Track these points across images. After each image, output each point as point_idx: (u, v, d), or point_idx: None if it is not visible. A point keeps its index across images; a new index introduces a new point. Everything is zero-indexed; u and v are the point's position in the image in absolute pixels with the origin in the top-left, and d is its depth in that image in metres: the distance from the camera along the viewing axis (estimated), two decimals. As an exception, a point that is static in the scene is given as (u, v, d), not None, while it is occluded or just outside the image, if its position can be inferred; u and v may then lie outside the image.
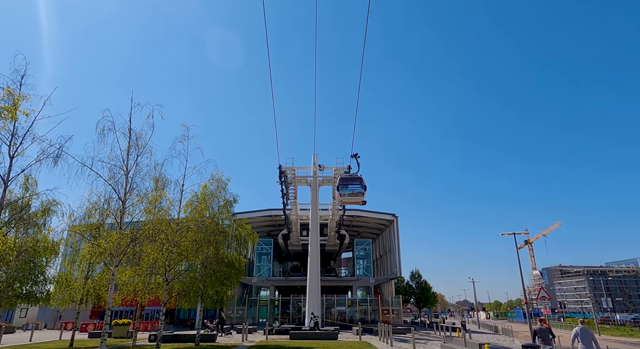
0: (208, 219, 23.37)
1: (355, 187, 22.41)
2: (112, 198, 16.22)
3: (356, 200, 22.72)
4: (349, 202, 23.29)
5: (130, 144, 16.04)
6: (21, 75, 10.68)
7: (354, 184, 22.51)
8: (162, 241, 19.59)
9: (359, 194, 22.32)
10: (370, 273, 54.30)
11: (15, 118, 10.36)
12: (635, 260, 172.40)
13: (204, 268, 23.75)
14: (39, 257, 18.33)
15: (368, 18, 12.21)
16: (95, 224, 17.98)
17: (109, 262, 16.64)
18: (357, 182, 22.49)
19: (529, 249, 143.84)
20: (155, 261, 19.58)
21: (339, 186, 22.78)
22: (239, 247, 29.03)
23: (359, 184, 22.37)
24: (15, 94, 10.36)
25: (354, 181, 22.58)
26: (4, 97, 10.18)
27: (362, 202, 22.70)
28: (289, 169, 37.92)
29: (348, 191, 22.44)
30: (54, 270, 20.81)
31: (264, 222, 55.97)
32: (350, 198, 22.61)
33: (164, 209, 20.03)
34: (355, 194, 22.38)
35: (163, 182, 19.16)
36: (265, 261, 54.65)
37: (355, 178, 22.65)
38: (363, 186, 22.28)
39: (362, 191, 22.25)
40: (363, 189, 22.25)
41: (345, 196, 22.60)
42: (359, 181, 22.50)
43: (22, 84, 10.74)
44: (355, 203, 23.34)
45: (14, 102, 10.23)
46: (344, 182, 22.79)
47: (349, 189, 22.46)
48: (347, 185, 22.61)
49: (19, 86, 10.60)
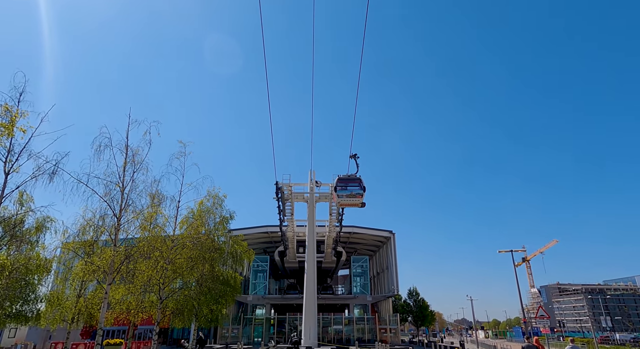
0: (204, 235, 23.17)
1: (354, 189, 21.49)
2: (107, 215, 16.10)
3: (355, 202, 21.80)
4: (347, 204, 22.37)
5: (127, 161, 16.00)
6: (20, 93, 10.76)
7: (353, 185, 21.59)
8: (156, 258, 19.34)
9: (358, 195, 21.43)
10: (367, 291, 53.60)
11: (12, 135, 10.37)
12: (633, 278, 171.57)
13: (198, 285, 23.40)
14: (30, 275, 17.99)
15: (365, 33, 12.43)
16: (89, 241, 17.80)
17: (102, 280, 16.37)
18: (356, 184, 21.57)
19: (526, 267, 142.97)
20: (150, 279, 19.28)
21: (337, 187, 21.78)
22: (235, 264, 28.70)
23: (358, 185, 21.47)
24: (13, 110, 10.41)
25: (352, 181, 21.63)
26: (2, 113, 10.21)
27: (361, 204, 21.82)
28: (286, 185, 37.81)
29: (346, 192, 21.51)
30: (45, 288, 20.41)
31: (260, 238, 55.48)
32: (349, 200, 21.68)
33: (160, 226, 19.87)
34: (353, 196, 21.47)
35: (159, 199, 19.06)
36: (261, 278, 53.94)
37: (354, 179, 21.68)
38: (362, 187, 21.35)
39: (361, 192, 21.33)
40: (362, 190, 21.33)
41: (343, 197, 21.68)
42: (358, 181, 21.57)
43: (20, 100, 10.80)
44: (353, 205, 22.38)
45: (11, 119, 10.27)
46: (343, 183, 21.76)
47: (347, 190, 21.53)
48: (345, 186, 21.69)
49: (17, 103, 10.65)
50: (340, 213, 39.86)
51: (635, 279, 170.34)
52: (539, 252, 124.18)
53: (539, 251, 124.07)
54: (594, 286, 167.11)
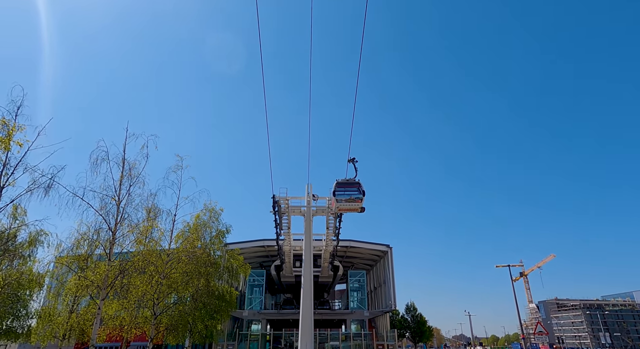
0: (199, 249, 22.94)
1: (353, 193, 20.94)
2: (102, 229, 15.96)
3: (354, 206, 21.25)
4: (346, 208, 21.76)
5: (124, 174, 15.97)
6: (17, 106, 10.77)
7: (352, 189, 21.02)
8: (151, 273, 19.10)
9: (357, 200, 20.87)
10: (364, 306, 52.98)
11: (9, 148, 10.34)
12: (631, 294, 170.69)
13: (193, 300, 23.06)
14: (22, 291, 17.68)
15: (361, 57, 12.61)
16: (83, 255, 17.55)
17: (95, 295, 16.11)
18: (355, 188, 21.00)
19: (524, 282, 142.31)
20: (144, 294, 18.99)
21: (336, 191, 21.22)
22: (231, 279, 28.36)
23: (357, 190, 20.92)
24: (10, 124, 10.41)
25: (351, 186, 21.08)
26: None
27: (360, 208, 21.31)
28: (283, 198, 37.66)
29: (345, 197, 20.92)
30: (37, 304, 20.04)
31: (256, 252, 55.00)
32: (348, 204, 21.11)
33: (155, 240, 19.69)
34: (353, 200, 20.91)
35: (155, 213, 18.98)
36: (257, 293, 53.28)
37: (353, 183, 21.16)
38: (361, 191, 20.85)
39: (361, 196, 20.82)
40: (361, 194, 20.82)
41: (342, 201, 21.07)
42: (357, 185, 21.01)
43: (17, 114, 10.81)
44: (353, 210, 21.78)
45: (8, 133, 10.26)
46: (341, 187, 21.19)
47: (346, 195, 20.97)
48: (344, 190, 21.10)
49: (14, 117, 10.66)
50: (337, 227, 39.69)
51: (633, 295, 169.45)
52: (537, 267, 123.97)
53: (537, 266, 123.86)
54: (592, 301, 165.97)
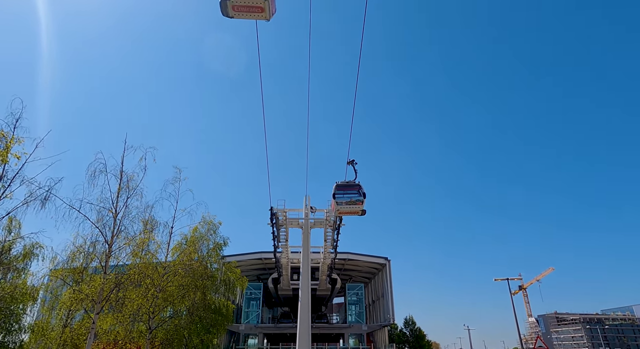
0: (196, 262, 22.74)
1: (353, 195, 20.50)
2: (99, 241, 15.84)
3: (355, 209, 20.78)
4: (346, 211, 21.26)
5: (121, 186, 15.92)
6: (16, 119, 10.81)
7: (352, 191, 20.56)
8: (147, 286, 18.89)
9: (358, 202, 20.37)
10: (362, 320, 52.38)
11: (6, 161, 10.33)
12: (630, 308, 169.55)
13: (189, 314, 22.76)
14: (16, 304, 17.40)
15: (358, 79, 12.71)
16: (78, 268, 17.34)
17: (90, 309, 15.89)
18: (355, 190, 20.55)
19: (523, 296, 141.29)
20: (139, 308, 18.75)
21: (336, 194, 20.72)
22: (227, 292, 28.07)
23: (357, 192, 20.47)
24: (9, 136, 10.42)
25: (351, 188, 20.59)
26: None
27: (361, 211, 20.87)
28: (281, 211, 37.57)
29: (346, 199, 20.42)
30: (30, 318, 19.69)
31: (253, 265, 54.58)
32: (348, 207, 20.61)
33: (152, 252, 19.53)
34: (353, 203, 20.41)
35: (152, 225, 18.87)
36: (254, 306, 52.70)
37: (353, 185, 20.67)
38: (362, 193, 20.35)
39: (361, 198, 20.30)
40: (362, 196, 20.31)
41: (342, 204, 20.52)
42: (357, 188, 20.53)
43: (16, 126, 10.83)
44: (353, 213, 21.29)
45: (6, 145, 10.26)
46: (341, 189, 20.72)
47: (346, 197, 20.48)
48: (344, 193, 20.62)
49: (12, 129, 10.67)
50: (335, 239, 39.51)
51: (633, 309, 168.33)
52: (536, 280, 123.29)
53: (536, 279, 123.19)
54: (592, 315, 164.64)
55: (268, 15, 10.90)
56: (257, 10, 10.85)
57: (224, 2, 10.36)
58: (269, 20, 11.11)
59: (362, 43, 11.84)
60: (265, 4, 10.51)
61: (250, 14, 11.02)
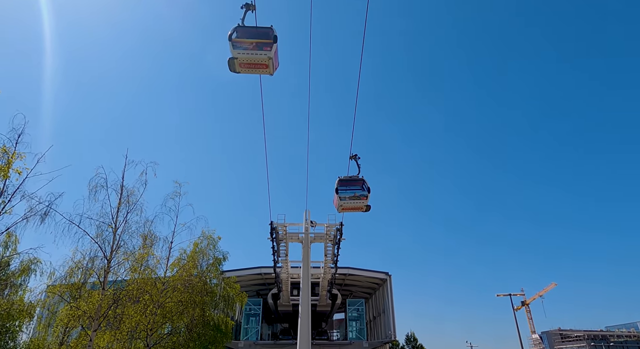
0: (195, 277, 22.54)
1: (357, 190, 19.96)
2: (97, 256, 15.76)
3: (359, 204, 20.18)
4: (350, 207, 20.60)
5: (121, 201, 15.92)
6: (18, 134, 10.88)
7: (355, 186, 19.98)
8: (146, 302, 18.66)
9: (362, 197, 19.84)
10: (363, 336, 51.58)
11: (7, 176, 10.36)
12: (635, 324, 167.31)
13: (188, 331, 22.42)
14: (12, 322, 17.13)
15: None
16: (76, 284, 17.17)
17: (87, 326, 15.66)
18: (359, 185, 20.01)
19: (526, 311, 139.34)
20: (137, 324, 18.48)
21: (339, 189, 20.03)
22: (227, 308, 27.71)
23: (361, 187, 19.91)
24: (10, 152, 10.46)
25: (355, 182, 19.97)
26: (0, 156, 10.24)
27: (365, 207, 20.22)
28: (281, 225, 37.44)
29: (349, 194, 19.84)
30: (26, 335, 19.37)
31: (253, 280, 54.04)
32: (352, 202, 20.01)
33: (150, 268, 19.38)
34: (357, 198, 19.86)
35: (152, 240, 18.79)
36: (253, 322, 51.97)
37: (357, 180, 20.06)
38: (366, 188, 19.81)
39: (366, 193, 19.75)
40: (366, 191, 19.78)
41: (346, 199, 19.93)
42: (362, 182, 19.95)
43: (18, 142, 10.89)
44: (357, 208, 20.63)
45: (8, 161, 10.30)
46: (345, 184, 20.06)
47: (349, 192, 19.88)
48: (347, 187, 19.97)
49: (14, 144, 10.73)
50: (335, 254, 39.25)
51: (638, 325, 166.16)
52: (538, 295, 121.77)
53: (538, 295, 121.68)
54: (596, 332, 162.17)
55: (272, 70, 12.42)
56: (262, 67, 12.29)
57: (232, 60, 11.81)
58: (272, 75, 12.65)
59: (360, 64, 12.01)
60: (269, 61, 11.95)
61: (255, 70, 12.51)
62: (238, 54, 11.79)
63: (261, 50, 11.82)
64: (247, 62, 12.03)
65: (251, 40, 11.91)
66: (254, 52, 11.86)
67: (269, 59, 11.94)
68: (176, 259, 22.60)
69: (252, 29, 12.09)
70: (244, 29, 12.03)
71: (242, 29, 11.99)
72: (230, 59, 11.92)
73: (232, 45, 11.80)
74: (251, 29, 12.07)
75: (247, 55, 11.87)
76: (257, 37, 12.00)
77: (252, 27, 12.12)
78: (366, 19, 12.23)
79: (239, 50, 11.78)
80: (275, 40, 12.05)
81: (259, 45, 11.93)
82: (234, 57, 11.82)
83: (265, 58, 11.89)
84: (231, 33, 11.89)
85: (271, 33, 12.11)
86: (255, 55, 11.87)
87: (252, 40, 11.91)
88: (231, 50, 11.86)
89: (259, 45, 11.93)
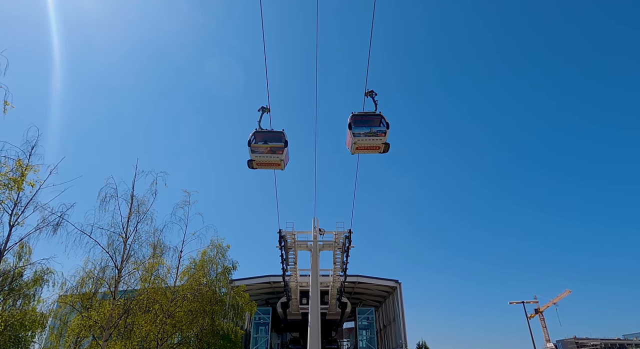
0: (205, 287, 22.57)
1: (374, 126, 16.79)
2: (108, 266, 15.89)
3: (376, 142, 16.80)
4: (365, 145, 16.99)
5: (132, 211, 16.08)
6: (32, 146, 11.09)
7: (372, 121, 16.75)
8: (156, 312, 18.70)
9: (380, 133, 16.60)
10: (374, 345, 50.95)
11: (22, 189, 10.55)
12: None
13: (198, 340, 22.39)
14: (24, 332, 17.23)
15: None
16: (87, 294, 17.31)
17: (98, 336, 15.73)
18: (377, 120, 16.81)
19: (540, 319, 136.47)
20: (148, 334, 18.50)
21: (352, 124, 16.72)
22: (236, 317, 27.63)
23: (380, 121, 16.69)
24: (24, 164, 10.66)
25: (372, 117, 16.67)
26: (14, 168, 10.45)
27: (383, 145, 16.86)
28: (289, 233, 37.37)
29: (365, 130, 16.57)
30: (38, 345, 19.49)
31: (262, 289, 53.88)
32: (368, 139, 16.65)
33: (160, 277, 19.46)
34: (374, 134, 16.64)
35: (161, 249, 18.90)
36: (262, 332, 51.68)
37: (374, 115, 16.80)
38: (385, 124, 16.56)
39: (384, 129, 16.50)
40: (385, 127, 16.53)
41: (360, 135, 16.56)
42: (380, 117, 16.70)
43: (31, 154, 11.09)
44: (374, 148, 17.16)
45: (22, 173, 10.49)
46: (359, 118, 16.77)
47: (365, 128, 16.64)
48: (362, 122, 16.74)
49: (28, 157, 10.94)
50: (344, 262, 39.01)
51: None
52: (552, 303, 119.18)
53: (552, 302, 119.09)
54: (613, 340, 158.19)
55: (283, 167, 15.52)
56: (275, 166, 15.48)
57: (251, 162, 15.04)
58: (284, 170, 15.92)
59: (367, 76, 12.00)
60: (281, 162, 15.08)
61: (269, 167, 15.65)
62: (255, 157, 14.79)
63: (274, 153, 14.78)
64: (263, 162, 14.92)
65: (266, 146, 14.80)
66: (269, 156, 14.82)
67: (281, 161, 14.88)
68: (186, 268, 22.70)
69: (268, 133, 14.93)
70: (261, 133, 14.85)
71: (259, 134, 14.81)
72: (249, 161, 14.96)
73: (250, 150, 14.65)
74: (266, 133, 14.93)
75: (262, 158, 14.90)
76: (271, 140, 14.89)
77: (267, 131, 14.97)
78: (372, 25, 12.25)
79: (256, 154, 14.76)
80: (286, 145, 14.77)
81: (272, 149, 14.76)
82: (252, 159, 14.85)
83: (277, 160, 14.87)
84: (250, 139, 14.66)
85: (282, 137, 14.86)
86: (269, 158, 14.86)
87: (266, 146, 14.80)
88: (250, 154, 14.71)
89: (273, 149, 14.76)
